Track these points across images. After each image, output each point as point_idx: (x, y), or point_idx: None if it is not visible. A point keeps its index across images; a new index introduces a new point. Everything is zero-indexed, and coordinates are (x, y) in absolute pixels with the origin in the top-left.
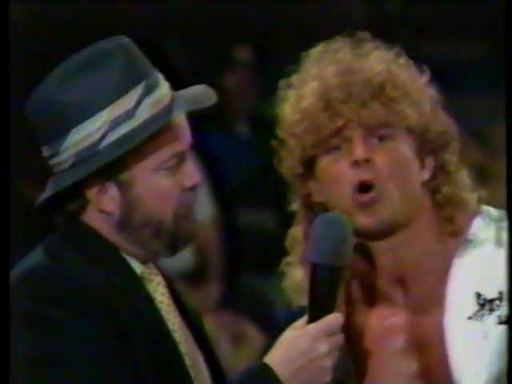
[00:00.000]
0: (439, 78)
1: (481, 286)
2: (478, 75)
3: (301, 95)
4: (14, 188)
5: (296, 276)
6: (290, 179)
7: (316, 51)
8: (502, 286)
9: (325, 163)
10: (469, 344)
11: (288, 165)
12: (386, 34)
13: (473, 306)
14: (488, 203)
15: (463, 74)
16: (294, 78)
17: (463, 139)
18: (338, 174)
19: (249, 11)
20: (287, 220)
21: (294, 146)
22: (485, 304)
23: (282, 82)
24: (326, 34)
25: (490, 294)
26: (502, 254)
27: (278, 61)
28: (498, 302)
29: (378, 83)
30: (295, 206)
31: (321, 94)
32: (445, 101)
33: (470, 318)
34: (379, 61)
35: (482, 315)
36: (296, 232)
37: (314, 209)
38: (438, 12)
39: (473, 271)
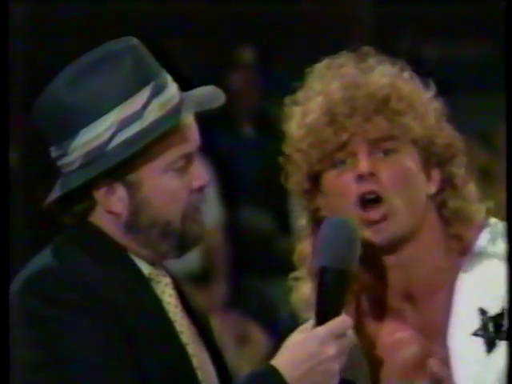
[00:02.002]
0: (443, 78)
1: (485, 301)
2: (482, 76)
3: (306, 111)
4: (15, 188)
5: (304, 291)
6: (297, 195)
7: (320, 66)
8: (506, 300)
9: (330, 177)
10: (473, 360)
11: (295, 180)
12: (390, 35)
13: (477, 322)
14: (492, 204)
15: (467, 74)
16: (299, 94)
17: (468, 141)
18: (343, 187)
19: (253, 11)
20: (292, 222)
21: (300, 161)
22: (489, 320)
23: (287, 99)
24: (330, 34)
25: (494, 309)
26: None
27: (283, 61)
28: (502, 318)
29: (382, 97)
30: (303, 220)
31: (325, 109)
32: (449, 102)
33: (473, 333)
34: (383, 75)
35: (486, 331)
36: (304, 247)
37: (322, 224)
38: (443, 12)
39: (477, 286)
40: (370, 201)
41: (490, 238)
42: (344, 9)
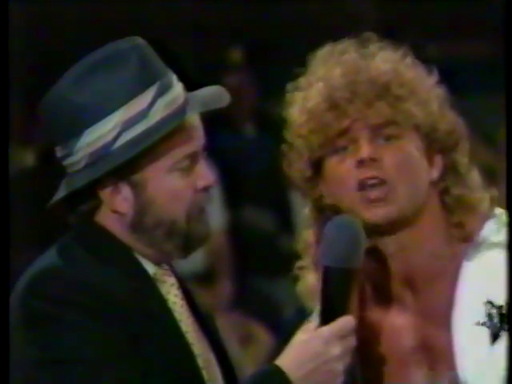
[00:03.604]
0: (448, 78)
1: (490, 291)
2: (486, 75)
3: (307, 96)
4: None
5: (309, 280)
6: (300, 183)
7: (322, 53)
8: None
9: (331, 163)
10: (477, 350)
11: (297, 168)
12: (391, 35)
13: (482, 312)
14: (496, 193)
15: (472, 74)
16: (301, 80)
17: (472, 140)
18: (344, 173)
19: (254, 10)
20: (295, 221)
21: (302, 147)
22: (494, 309)
23: (289, 85)
24: (332, 33)
25: (499, 299)
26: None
27: (285, 61)
28: (507, 308)
29: (384, 82)
30: (306, 209)
31: (326, 95)
32: (454, 101)
33: (478, 323)
34: (385, 60)
35: (491, 320)
36: (308, 236)
37: (325, 211)
38: (444, 12)
39: (482, 276)
40: (370, 184)
41: (495, 227)
42: (345, 9)
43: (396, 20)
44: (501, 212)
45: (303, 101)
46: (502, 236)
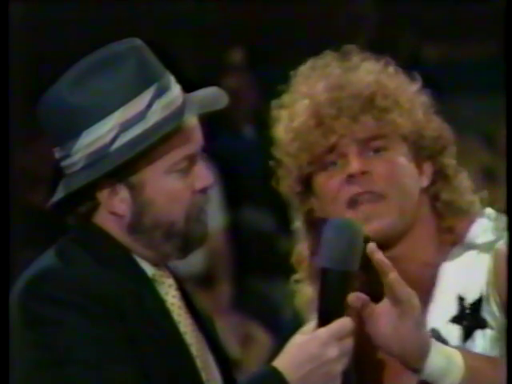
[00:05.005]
0: (448, 78)
1: (463, 288)
2: (486, 76)
3: (292, 114)
4: (15, 190)
5: (306, 293)
6: (290, 198)
7: (304, 68)
8: (484, 288)
9: (321, 180)
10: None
11: (286, 184)
12: (391, 36)
13: (454, 309)
14: (496, 205)
15: (471, 74)
16: (285, 97)
17: (470, 141)
18: (335, 189)
19: (254, 11)
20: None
21: (290, 164)
22: (466, 307)
23: (273, 103)
24: (332, 35)
25: (472, 296)
26: (487, 257)
27: (282, 62)
28: (479, 305)
29: (368, 95)
30: (298, 223)
31: (312, 112)
32: (453, 102)
33: (451, 320)
34: (368, 72)
35: (464, 318)
36: (301, 249)
37: (317, 225)
38: (444, 12)
39: (456, 274)
40: (362, 200)
41: (481, 229)
42: (346, 10)
43: (396, 20)
44: (489, 213)
45: (289, 119)
46: (487, 237)
